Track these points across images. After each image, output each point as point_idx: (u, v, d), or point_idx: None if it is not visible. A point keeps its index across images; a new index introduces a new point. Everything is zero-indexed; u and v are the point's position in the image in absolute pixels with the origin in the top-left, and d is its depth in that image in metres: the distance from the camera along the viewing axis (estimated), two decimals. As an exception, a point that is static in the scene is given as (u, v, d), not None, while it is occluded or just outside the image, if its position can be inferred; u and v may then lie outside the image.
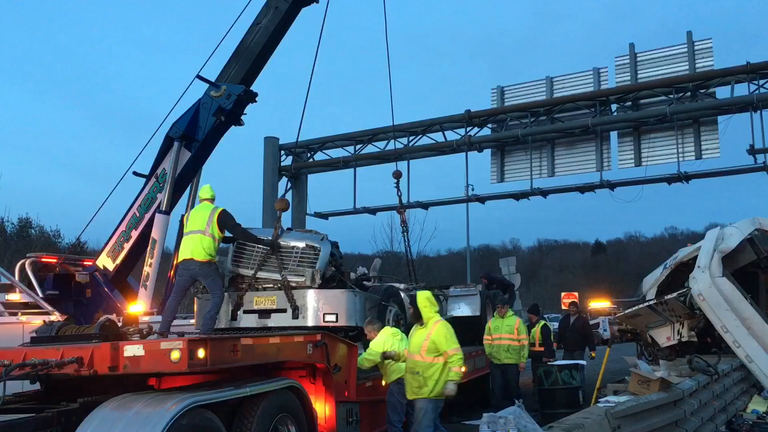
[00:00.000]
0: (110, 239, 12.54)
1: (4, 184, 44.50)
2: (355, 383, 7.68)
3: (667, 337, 11.13)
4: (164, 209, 11.90)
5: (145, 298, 11.61)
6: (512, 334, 10.90)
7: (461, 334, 12.26)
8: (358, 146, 22.57)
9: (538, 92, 20.45)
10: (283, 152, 23.31)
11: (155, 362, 5.12)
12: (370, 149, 22.45)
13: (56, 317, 8.86)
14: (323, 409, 7.03)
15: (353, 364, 7.68)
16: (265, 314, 8.09)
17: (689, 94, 18.44)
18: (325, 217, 23.57)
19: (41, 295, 11.08)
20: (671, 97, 18.50)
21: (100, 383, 5.58)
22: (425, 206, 22.84)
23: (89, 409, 5.13)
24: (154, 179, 12.33)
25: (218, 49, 12.62)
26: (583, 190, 20.11)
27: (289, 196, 23.01)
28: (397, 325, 8.80)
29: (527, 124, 20.26)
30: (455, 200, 22.57)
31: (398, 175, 13.10)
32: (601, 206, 48.83)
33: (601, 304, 34.16)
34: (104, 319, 5.98)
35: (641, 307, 11.41)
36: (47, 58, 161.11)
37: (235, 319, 8.17)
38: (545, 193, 20.61)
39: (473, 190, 22.00)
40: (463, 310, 12.07)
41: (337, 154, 22.90)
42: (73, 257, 13.32)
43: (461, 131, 21.26)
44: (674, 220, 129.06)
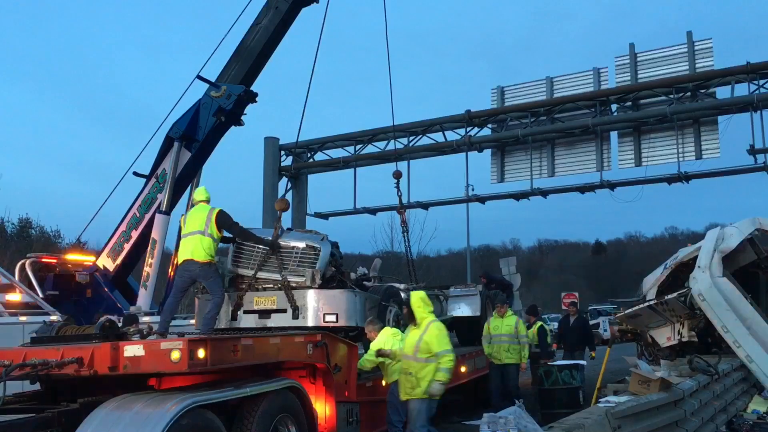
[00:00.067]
0: (110, 239, 12.56)
1: (4, 184, 44.59)
2: (355, 383, 7.69)
3: (667, 337, 11.11)
4: (164, 209, 11.92)
5: (145, 298, 11.63)
6: (512, 333, 10.87)
7: (462, 334, 12.44)
8: (358, 146, 22.56)
9: (538, 92, 20.45)
10: (283, 152, 23.31)
11: (155, 362, 5.13)
12: (370, 149, 22.45)
13: (56, 317, 8.87)
14: (323, 409, 7.03)
15: (353, 364, 7.68)
16: (265, 314, 8.08)
17: (689, 94, 18.43)
18: (325, 217, 23.56)
19: (41, 295, 11.12)
20: (671, 97, 18.50)
21: (100, 383, 5.59)
22: (425, 206, 22.83)
23: (89, 409, 5.15)
24: (154, 179, 12.34)
25: (218, 49, 12.66)
26: (583, 190, 20.10)
27: (289, 196, 23.00)
28: (397, 325, 8.78)
29: (527, 124, 20.25)
30: (455, 200, 22.55)
31: (398, 175, 13.07)
32: (601, 206, 48.71)
33: (601, 307, 34.41)
34: (104, 319, 5.99)
35: (641, 307, 11.39)
36: (47, 57, 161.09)
37: (235, 319, 8.16)
38: (545, 193, 20.61)
39: (473, 190, 21.98)
40: (463, 310, 12.06)
41: (337, 154, 22.90)
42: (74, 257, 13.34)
43: (461, 131, 21.26)
44: (674, 220, 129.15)
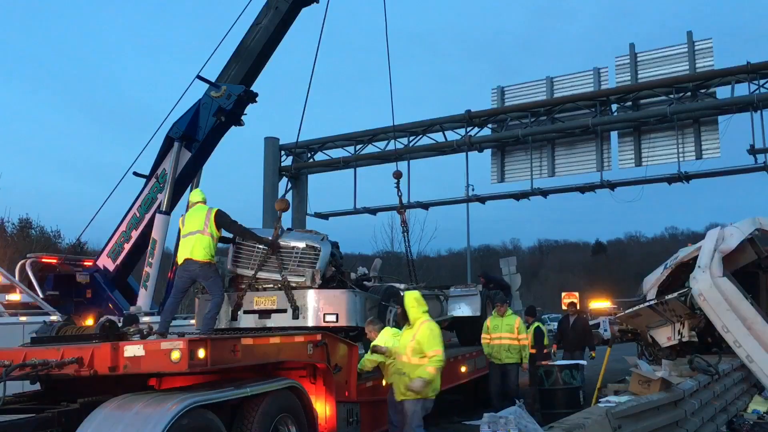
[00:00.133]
0: (110, 239, 12.56)
1: (4, 184, 44.49)
2: (355, 383, 7.68)
3: (667, 337, 11.12)
4: (164, 209, 11.92)
5: (145, 298, 11.63)
6: (512, 333, 10.84)
7: (462, 334, 12.43)
8: (358, 146, 22.54)
9: (538, 92, 20.42)
10: (283, 152, 23.28)
11: (155, 362, 5.12)
12: (370, 149, 22.42)
13: (56, 317, 8.87)
14: (324, 409, 7.02)
15: (353, 364, 7.67)
16: (265, 314, 8.09)
17: (689, 94, 18.42)
18: (325, 217, 23.55)
19: (41, 295, 11.12)
20: (671, 97, 18.48)
21: (100, 383, 5.58)
22: (425, 206, 22.81)
23: (89, 409, 5.14)
24: (154, 179, 12.34)
25: (218, 49, 12.66)
26: (583, 190, 20.09)
27: (289, 196, 22.99)
28: (397, 325, 8.77)
29: (527, 124, 20.23)
30: (455, 200, 22.56)
31: (398, 175, 13.06)
32: (601, 206, 48.71)
33: (601, 304, 34.07)
34: (104, 319, 5.99)
35: (642, 307, 11.40)
36: (48, 58, 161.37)
37: (235, 319, 8.16)
38: (545, 193, 20.58)
39: (473, 190, 22.00)
40: (463, 310, 12.05)
41: (337, 154, 22.87)
42: (73, 257, 13.35)
43: (461, 131, 21.23)
44: (674, 220, 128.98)
